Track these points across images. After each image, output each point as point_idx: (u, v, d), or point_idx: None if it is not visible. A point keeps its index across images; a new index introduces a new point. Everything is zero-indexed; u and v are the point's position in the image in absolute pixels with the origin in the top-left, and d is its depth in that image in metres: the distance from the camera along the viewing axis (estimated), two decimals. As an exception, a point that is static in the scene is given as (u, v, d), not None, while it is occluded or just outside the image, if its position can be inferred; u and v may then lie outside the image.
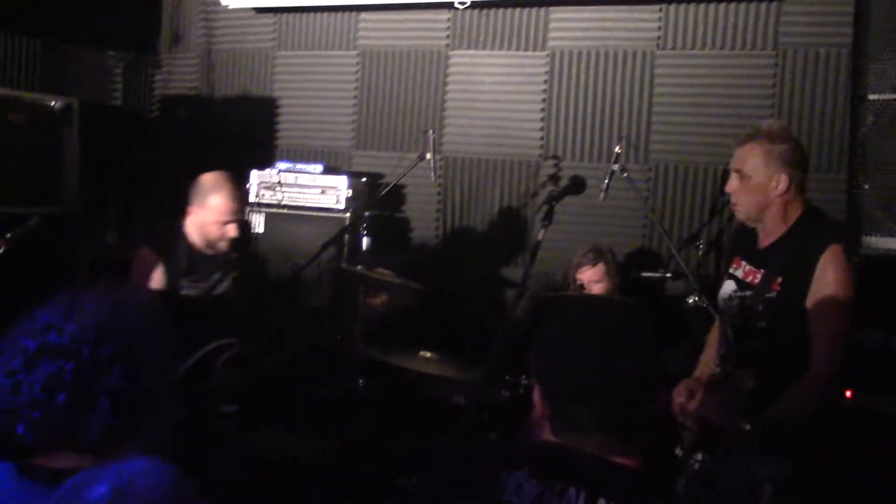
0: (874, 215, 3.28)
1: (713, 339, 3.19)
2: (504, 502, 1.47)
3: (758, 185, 2.90)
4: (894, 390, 3.40)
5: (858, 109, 3.35)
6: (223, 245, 3.75)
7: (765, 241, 2.98)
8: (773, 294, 2.84)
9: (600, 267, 4.24)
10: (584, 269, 4.25)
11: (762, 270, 2.92)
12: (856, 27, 4.39)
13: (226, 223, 3.70)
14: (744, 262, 3.04)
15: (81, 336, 1.49)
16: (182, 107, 6.20)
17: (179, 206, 3.79)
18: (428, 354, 3.85)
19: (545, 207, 3.20)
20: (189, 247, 3.78)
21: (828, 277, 2.75)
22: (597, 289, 4.22)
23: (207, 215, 3.71)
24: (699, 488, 2.57)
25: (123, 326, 1.53)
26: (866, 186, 3.31)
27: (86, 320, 1.51)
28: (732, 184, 2.98)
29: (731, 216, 3.28)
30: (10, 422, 1.48)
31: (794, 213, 2.92)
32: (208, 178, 3.75)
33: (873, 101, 3.30)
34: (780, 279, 2.84)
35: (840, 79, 4.45)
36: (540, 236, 3.14)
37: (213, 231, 3.72)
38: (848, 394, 3.30)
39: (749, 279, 2.98)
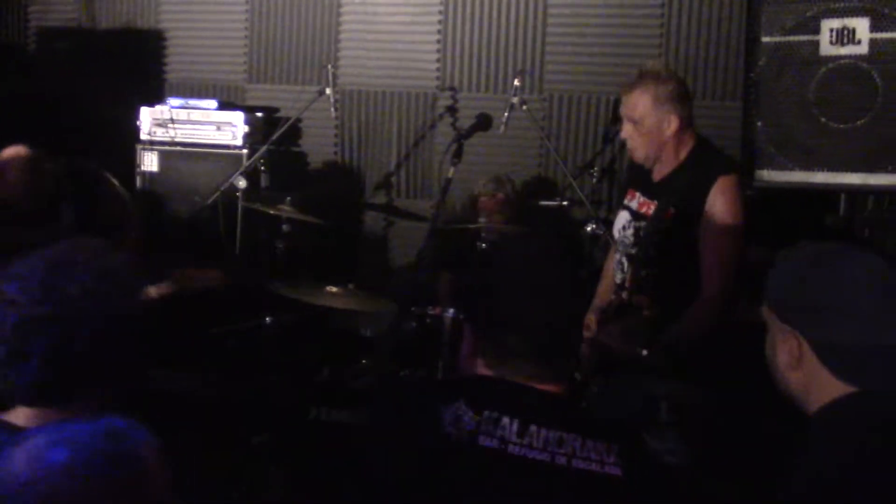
0: (767, 150, 3.47)
1: (609, 267, 3.33)
2: (443, 434, 1.53)
3: (651, 130, 3.00)
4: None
5: (753, 49, 3.50)
6: None
7: (658, 174, 3.10)
8: (667, 224, 2.98)
9: (500, 197, 4.32)
10: (484, 199, 4.32)
11: (656, 202, 3.03)
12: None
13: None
14: (638, 194, 3.16)
15: (28, 290, 1.47)
16: (61, 39, 5.87)
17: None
18: (334, 289, 3.87)
19: (454, 146, 3.25)
20: None
21: (718, 207, 2.90)
22: (497, 219, 4.30)
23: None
24: (599, 410, 2.70)
25: (70, 289, 1.48)
26: (759, 123, 3.48)
27: (36, 275, 1.48)
28: (626, 130, 3.07)
29: (624, 144, 3.39)
30: None
31: (686, 147, 3.05)
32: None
33: (766, 43, 3.46)
34: (672, 210, 2.97)
35: (732, 14, 4.61)
36: (450, 174, 3.19)
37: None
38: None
39: (644, 210, 3.09)
